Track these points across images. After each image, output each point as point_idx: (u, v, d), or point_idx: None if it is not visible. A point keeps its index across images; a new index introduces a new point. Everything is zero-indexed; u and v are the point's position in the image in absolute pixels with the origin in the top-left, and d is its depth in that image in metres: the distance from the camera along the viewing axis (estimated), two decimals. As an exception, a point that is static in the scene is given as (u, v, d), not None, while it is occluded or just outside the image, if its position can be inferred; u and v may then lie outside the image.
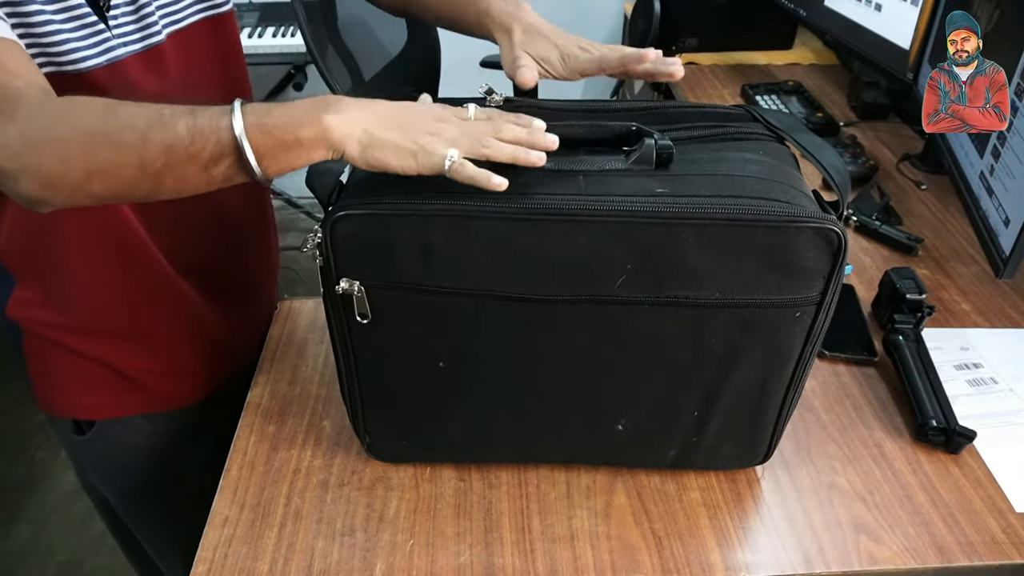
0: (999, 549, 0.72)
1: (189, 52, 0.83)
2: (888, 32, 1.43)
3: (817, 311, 0.66)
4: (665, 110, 0.73)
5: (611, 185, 0.62)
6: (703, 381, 0.70)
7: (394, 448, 0.79)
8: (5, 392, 2.10)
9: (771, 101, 1.61)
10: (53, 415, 0.94)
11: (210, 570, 0.69)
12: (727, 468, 0.79)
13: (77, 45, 0.71)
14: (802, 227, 0.61)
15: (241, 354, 0.97)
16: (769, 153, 0.68)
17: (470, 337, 0.68)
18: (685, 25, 1.86)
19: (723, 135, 0.70)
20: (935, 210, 1.25)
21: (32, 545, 1.81)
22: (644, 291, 0.64)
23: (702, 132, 0.70)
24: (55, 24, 0.69)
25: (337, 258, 0.65)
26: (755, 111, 0.74)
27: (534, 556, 0.71)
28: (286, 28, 2.26)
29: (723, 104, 0.77)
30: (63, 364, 0.89)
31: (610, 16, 2.55)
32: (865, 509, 0.75)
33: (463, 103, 0.66)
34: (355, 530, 0.73)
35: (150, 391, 0.92)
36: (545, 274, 0.64)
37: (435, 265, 0.64)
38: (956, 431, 0.80)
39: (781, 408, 0.73)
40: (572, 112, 0.72)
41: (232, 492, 0.76)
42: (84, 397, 0.92)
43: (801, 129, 0.72)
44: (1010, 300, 1.04)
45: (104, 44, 0.74)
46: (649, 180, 0.63)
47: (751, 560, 0.71)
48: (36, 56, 0.69)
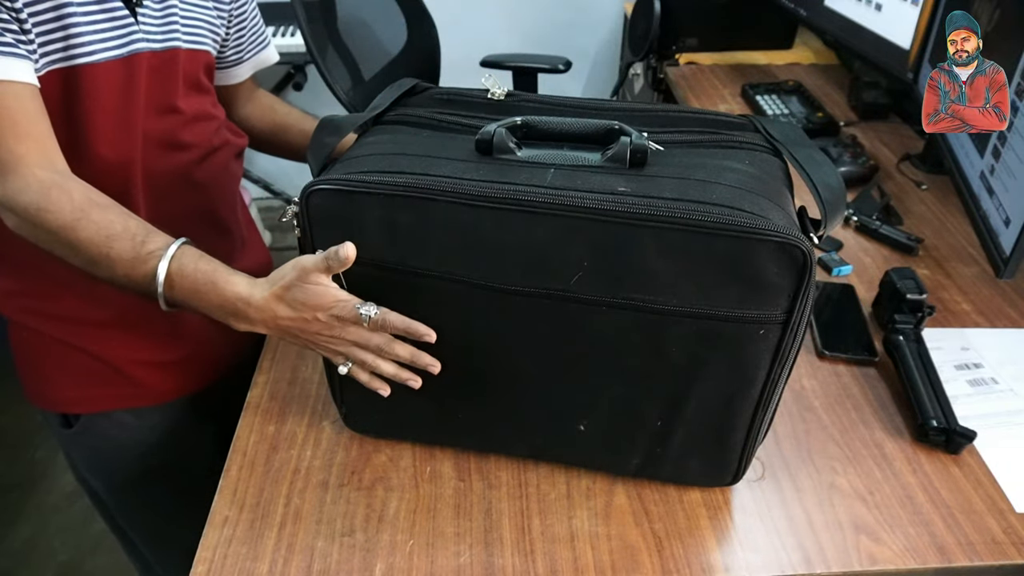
0: (999, 549, 0.72)
1: (197, 72, 0.89)
2: (888, 32, 1.43)
3: (783, 331, 0.63)
4: (666, 113, 0.73)
5: (577, 180, 0.62)
6: (665, 391, 0.69)
7: (368, 422, 0.81)
8: (5, 391, 2.09)
9: (771, 101, 1.61)
10: (40, 407, 0.95)
11: (210, 570, 0.69)
12: (695, 484, 0.77)
13: (101, 36, 0.77)
14: (764, 240, 0.58)
15: (231, 352, 0.98)
16: (756, 164, 0.67)
17: (433, 319, 0.68)
18: (685, 25, 1.86)
19: (715, 142, 0.69)
20: (935, 210, 1.25)
21: (32, 545, 1.81)
22: (601, 291, 0.64)
23: (694, 137, 0.69)
24: (85, 12, 0.75)
25: (312, 230, 0.67)
26: (759, 121, 0.73)
27: (534, 556, 0.71)
28: (286, 28, 2.26)
29: (730, 113, 0.75)
30: (48, 355, 0.90)
31: (610, 16, 2.55)
32: (865, 509, 0.75)
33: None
34: (355, 530, 0.73)
35: (136, 384, 0.93)
36: (504, 263, 0.64)
37: (400, 244, 0.65)
38: (956, 431, 0.80)
39: (749, 429, 0.71)
40: (570, 108, 0.72)
41: (232, 492, 0.76)
42: (70, 390, 0.92)
43: (804, 143, 0.70)
44: (1010, 300, 1.04)
45: (128, 36, 0.79)
46: (617, 178, 0.62)
47: (751, 560, 0.71)
48: (55, 43, 0.74)
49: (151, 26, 0.82)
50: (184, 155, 0.89)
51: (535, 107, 0.73)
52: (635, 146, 0.63)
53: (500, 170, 0.63)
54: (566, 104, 0.73)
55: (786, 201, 0.65)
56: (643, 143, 0.63)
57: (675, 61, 1.90)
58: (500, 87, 0.71)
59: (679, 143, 0.69)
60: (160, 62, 0.83)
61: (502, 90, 0.71)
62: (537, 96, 0.76)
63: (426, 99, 0.78)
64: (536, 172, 0.63)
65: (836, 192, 0.65)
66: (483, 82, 0.71)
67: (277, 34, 2.24)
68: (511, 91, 0.72)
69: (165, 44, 0.84)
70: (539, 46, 2.47)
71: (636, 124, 0.67)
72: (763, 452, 0.81)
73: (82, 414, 0.94)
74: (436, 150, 0.67)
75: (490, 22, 2.51)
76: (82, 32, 0.75)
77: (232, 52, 1.00)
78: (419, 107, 0.76)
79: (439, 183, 0.62)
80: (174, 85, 0.86)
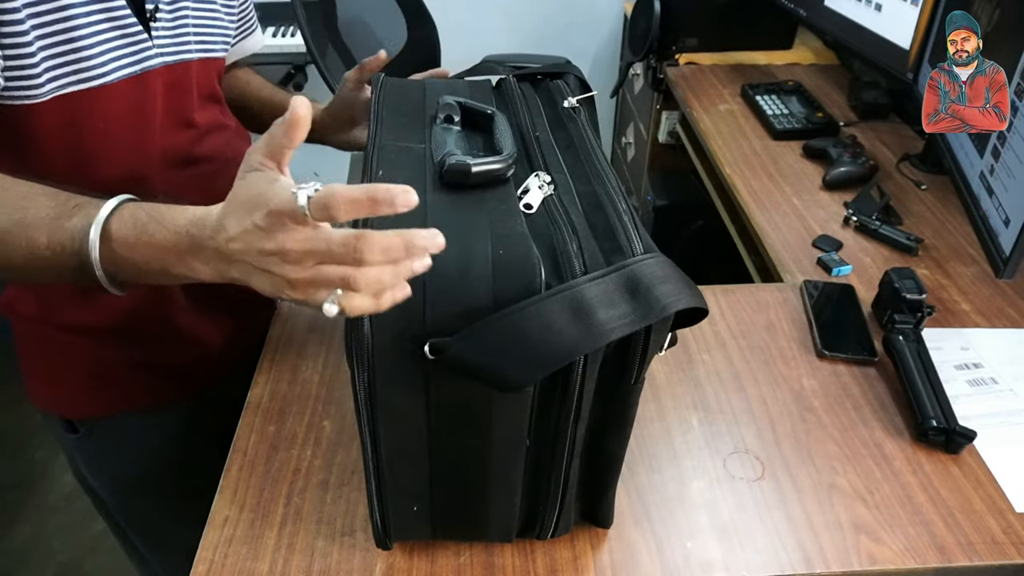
0: (999, 549, 0.72)
1: (211, 81, 0.87)
2: (888, 32, 1.43)
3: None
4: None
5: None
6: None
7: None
8: (5, 391, 2.09)
9: (771, 101, 1.61)
10: (46, 411, 0.95)
11: (210, 570, 0.69)
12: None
13: (114, 55, 0.73)
14: None
15: (236, 356, 0.97)
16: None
17: None
18: (685, 25, 1.86)
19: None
20: (935, 210, 1.25)
21: (32, 545, 1.81)
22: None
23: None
24: (95, 32, 0.71)
25: None
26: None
27: (534, 556, 0.71)
28: (286, 28, 2.26)
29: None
30: (54, 360, 0.90)
31: (610, 16, 2.55)
32: (865, 509, 0.75)
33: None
34: (355, 530, 0.73)
35: (141, 388, 0.93)
36: None
37: None
38: (956, 431, 0.80)
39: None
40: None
41: (232, 492, 0.76)
42: (74, 394, 0.92)
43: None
44: (1010, 300, 1.04)
45: (142, 53, 0.76)
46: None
47: (751, 560, 0.71)
48: (63, 66, 0.70)
49: (165, 39, 0.79)
50: (199, 169, 0.87)
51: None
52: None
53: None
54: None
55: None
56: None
57: (675, 61, 1.90)
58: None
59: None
60: (175, 76, 0.81)
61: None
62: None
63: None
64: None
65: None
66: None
67: (277, 34, 2.24)
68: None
69: (179, 57, 0.80)
70: (539, 46, 2.47)
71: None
72: (763, 452, 0.81)
73: (87, 417, 0.93)
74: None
75: (490, 22, 2.51)
76: (93, 53, 0.71)
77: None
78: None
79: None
80: (189, 98, 0.83)
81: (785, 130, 1.51)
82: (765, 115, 1.56)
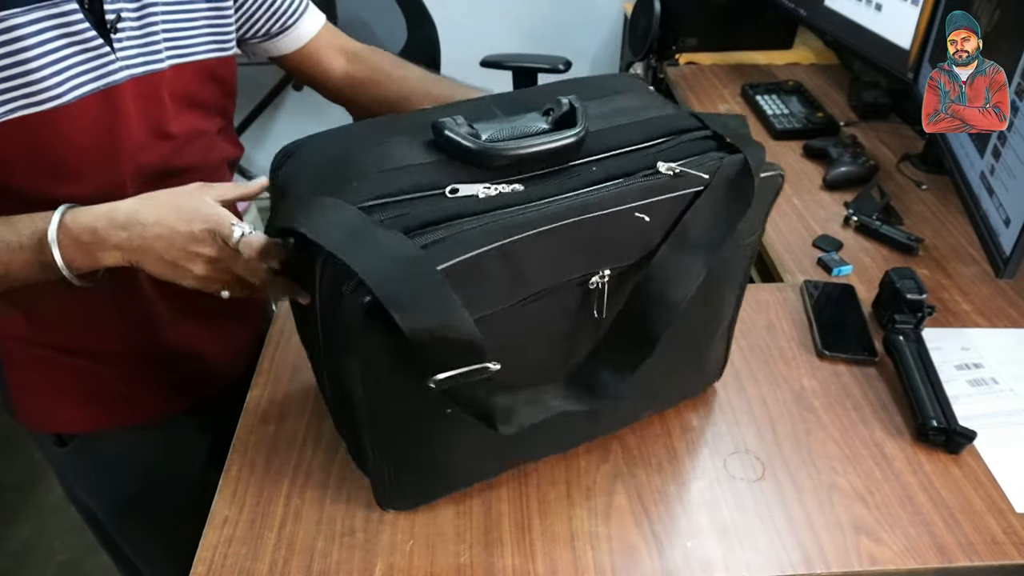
0: (999, 549, 0.72)
1: (188, 87, 0.81)
2: (888, 32, 1.43)
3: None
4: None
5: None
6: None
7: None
8: (5, 392, 2.10)
9: (771, 101, 1.61)
10: (34, 430, 0.93)
11: (210, 570, 0.69)
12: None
13: (71, 73, 0.69)
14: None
15: (230, 367, 0.96)
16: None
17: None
18: (685, 25, 1.86)
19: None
20: (935, 210, 1.25)
21: (32, 545, 1.81)
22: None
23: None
24: (47, 51, 0.67)
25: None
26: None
27: (534, 556, 0.71)
28: (286, 28, 2.26)
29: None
30: (41, 378, 0.88)
31: (610, 16, 2.55)
32: (865, 509, 0.75)
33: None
34: (355, 530, 0.73)
35: (132, 404, 0.91)
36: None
37: None
38: (956, 431, 0.80)
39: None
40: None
41: (232, 492, 0.76)
42: (63, 411, 0.90)
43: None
44: (1010, 300, 1.04)
45: (105, 68, 0.72)
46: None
47: (751, 560, 0.71)
48: (13, 90, 0.67)
49: (131, 50, 0.73)
50: (181, 180, 0.76)
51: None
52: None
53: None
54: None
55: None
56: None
57: (675, 61, 1.90)
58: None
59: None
60: (146, 88, 0.75)
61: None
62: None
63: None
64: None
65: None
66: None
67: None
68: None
69: (148, 68, 0.75)
70: (539, 46, 2.46)
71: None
72: (763, 452, 0.81)
73: (77, 433, 0.92)
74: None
75: (490, 22, 2.51)
76: (45, 74, 0.67)
77: (266, 25, 0.91)
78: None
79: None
80: (163, 109, 0.78)
81: (785, 130, 1.51)
82: (765, 115, 1.56)
